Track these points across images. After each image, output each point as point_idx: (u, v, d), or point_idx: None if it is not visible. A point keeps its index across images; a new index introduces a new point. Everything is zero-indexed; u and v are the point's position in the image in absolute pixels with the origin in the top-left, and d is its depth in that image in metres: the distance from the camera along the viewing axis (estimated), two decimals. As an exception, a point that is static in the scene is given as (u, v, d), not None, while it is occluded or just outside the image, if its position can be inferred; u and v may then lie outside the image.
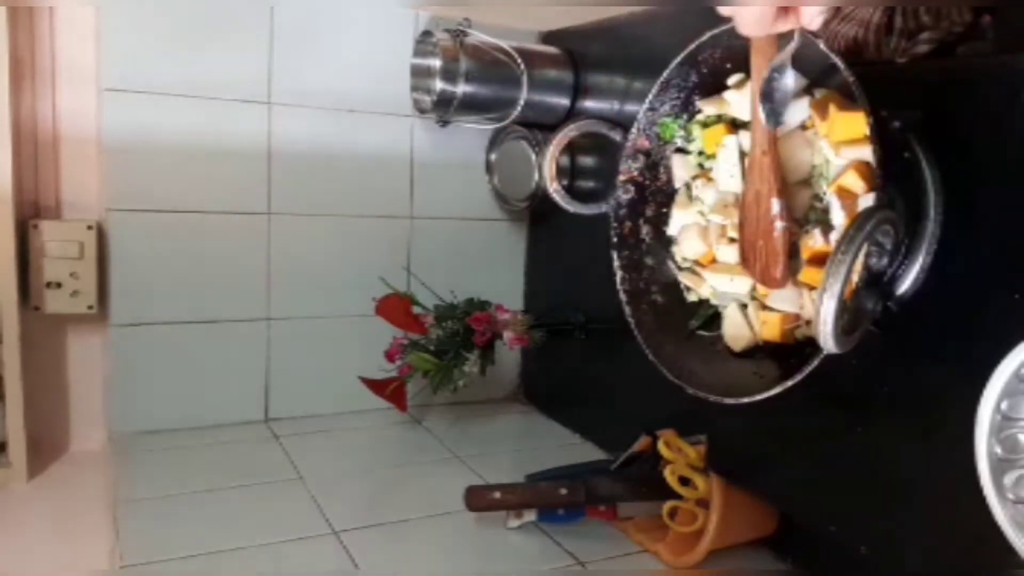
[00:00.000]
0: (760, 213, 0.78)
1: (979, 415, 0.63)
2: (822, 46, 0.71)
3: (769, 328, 0.82)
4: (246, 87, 1.29)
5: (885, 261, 0.71)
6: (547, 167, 1.26)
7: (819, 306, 0.62)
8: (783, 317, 0.80)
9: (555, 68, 1.36)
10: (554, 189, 1.28)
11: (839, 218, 0.73)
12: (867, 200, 0.71)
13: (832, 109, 0.74)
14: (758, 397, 0.74)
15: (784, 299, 0.80)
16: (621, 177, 0.92)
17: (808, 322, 0.79)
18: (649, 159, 0.92)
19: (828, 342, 0.63)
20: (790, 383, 0.71)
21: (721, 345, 0.87)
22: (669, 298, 0.91)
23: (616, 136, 1.23)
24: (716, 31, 0.80)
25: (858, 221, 0.64)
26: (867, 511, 0.80)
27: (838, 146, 0.74)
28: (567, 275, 1.45)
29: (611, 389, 1.29)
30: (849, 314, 0.66)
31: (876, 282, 0.71)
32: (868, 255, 0.68)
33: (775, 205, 0.76)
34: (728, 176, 0.84)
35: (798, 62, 0.76)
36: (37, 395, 1.20)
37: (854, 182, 0.72)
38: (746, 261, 0.81)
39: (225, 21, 1.26)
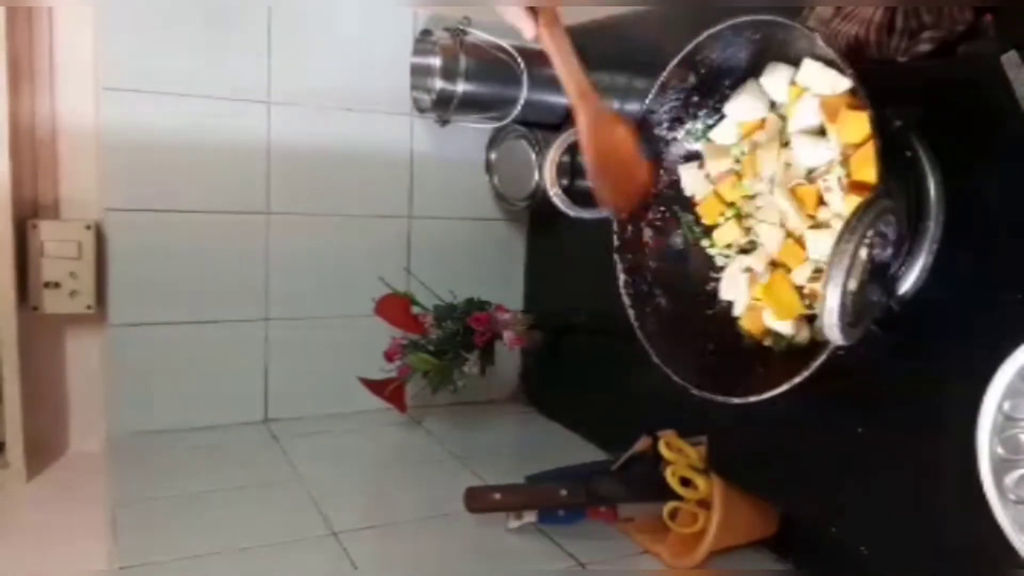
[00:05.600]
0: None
1: (981, 415, 0.63)
2: (822, 44, 0.71)
3: (750, 320, 0.82)
4: (245, 86, 1.29)
5: (889, 252, 0.70)
6: (547, 172, 1.26)
7: (824, 297, 0.62)
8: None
9: (555, 67, 1.36)
10: (555, 193, 1.27)
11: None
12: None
13: (843, 110, 0.73)
14: (763, 396, 0.74)
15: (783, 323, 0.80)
16: (621, 181, 0.92)
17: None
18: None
19: (834, 333, 0.62)
20: (797, 380, 0.71)
21: (720, 346, 0.87)
22: (673, 300, 0.91)
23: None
24: (713, 31, 0.80)
25: (860, 210, 0.63)
26: (867, 511, 0.80)
27: (848, 148, 0.73)
28: (567, 275, 1.45)
29: (611, 389, 1.28)
30: (854, 305, 0.65)
31: (881, 273, 0.70)
32: (872, 245, 0.67)
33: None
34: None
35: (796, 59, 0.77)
36: (36, 395, 1.20)
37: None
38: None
39: (224, 20, 1.26)
